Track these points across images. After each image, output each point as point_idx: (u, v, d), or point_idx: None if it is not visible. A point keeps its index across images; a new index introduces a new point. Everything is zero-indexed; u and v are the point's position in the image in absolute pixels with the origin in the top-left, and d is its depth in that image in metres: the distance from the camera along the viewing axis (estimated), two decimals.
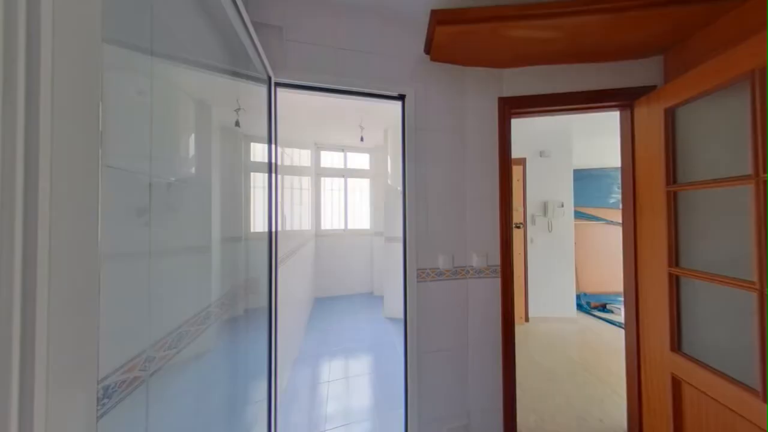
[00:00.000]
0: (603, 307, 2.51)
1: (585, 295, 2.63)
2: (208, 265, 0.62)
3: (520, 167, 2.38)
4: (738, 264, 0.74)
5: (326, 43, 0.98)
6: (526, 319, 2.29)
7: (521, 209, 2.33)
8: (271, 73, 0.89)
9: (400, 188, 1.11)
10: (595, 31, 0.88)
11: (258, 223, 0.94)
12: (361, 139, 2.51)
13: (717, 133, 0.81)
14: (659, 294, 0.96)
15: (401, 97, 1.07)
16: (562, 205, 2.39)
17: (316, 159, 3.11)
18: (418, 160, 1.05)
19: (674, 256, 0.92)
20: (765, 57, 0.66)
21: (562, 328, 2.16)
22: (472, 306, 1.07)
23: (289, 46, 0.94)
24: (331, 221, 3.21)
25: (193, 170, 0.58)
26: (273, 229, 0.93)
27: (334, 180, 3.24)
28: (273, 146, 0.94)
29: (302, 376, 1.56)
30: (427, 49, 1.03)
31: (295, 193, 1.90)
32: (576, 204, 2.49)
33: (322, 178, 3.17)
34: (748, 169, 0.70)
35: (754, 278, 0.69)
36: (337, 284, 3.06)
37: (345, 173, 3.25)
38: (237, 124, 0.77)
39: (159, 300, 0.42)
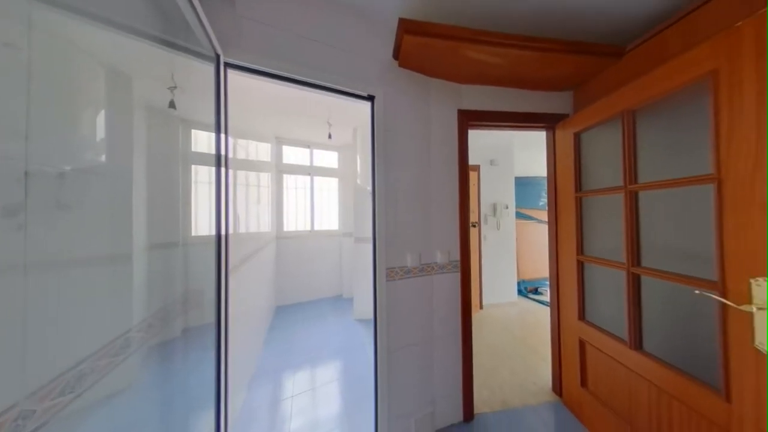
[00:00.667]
0: (536, 291, 3.06)
1: (523, 281, 3.15)
2: (127, 279, 0.50)
3: (476, 173, 2.70)
4: (616, 251, 1.01)
5: (289, 29, 0.91)
6: (480, 307, 2.60)
7: (476, 210, 2.64)
8: (219, 51, 0.77)
9: (369, 188, 1.11)
10: (529, 63, 1.08)
11: (203, 226, 0.81)
12: (329, 136, 2.40)
13: (604, 154, 1.09)
14: (571, 277, 1.23)
15: (371, 98, 1.08)
16: (507, 207, 2.82)
17: (278, 154, 2.83)
18: (388, 161, 1.08)
19: (580, 247, 1.20)
20: (631, 102, 0.93)
21: (507, 312, 2.54)
22: (437, 300, 1.16)
23: (245, 24, 0.84)
24: (295, 222, 2.96)
25: (103, 158, 0.45)
26: (222, 232, 0.80)
27: (299, 178, 3.02)
28: (222, 135, 0.81)
29: (261, 395, 1.39)
30: (396, 55, 1.06)
31: (251, 190, 1.66)
32: (517, 206, 2.98)
33: (285, 176, 2.91)
34: (621, 182, 0.97)
35: (624, 260, 0.96)
36: (303, 289, 2.85)
37: (311, 171, 3.06)
38: (172, 105, 0.64)
39: (41, 331, 0.32)
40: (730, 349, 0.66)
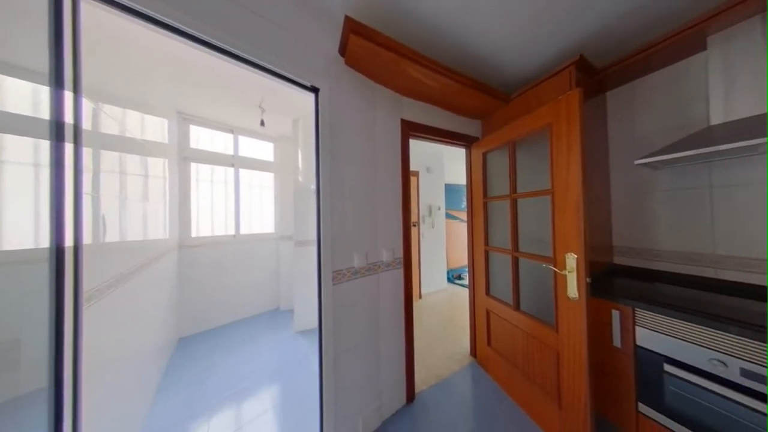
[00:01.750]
0: (459, 277, 3.78)
1: (451, 270, 3.82)
2: None
3: (415, 178, 3.03)
4: (505, 241, 1.39)
5: None
6: (420, 297, 2.95)
7: (416, 211, 2.97)
8: None
9: (313, 186, 1.04)
10: (453, 91, 1.32)
11: (26, 232, 0.51)
12: (262, 123, 2.05)
13: (500, 170, 1.48)
14: (481, 262, 1.60)
15: (315, 90, 1.02)
16: (440, 209, 3.33)
17: (182, 135, 2.15)
18: (335, 159, 1.05)
19: (486, 239, 1.57)
20: (512, 135, 1.31)
21: (440, 297, 3.00)
22: (383, 296, 1.22)
23: None
24: (211, 225, 2.32)
25: None
26: (68, 242, 0.53)
27: (218, 170, 2.40)
28: (67, 94, 0.54)
29: None
30: (342, 51, 1.05)
31: (129, 180, 1.12)
32: (446, 208, 3.58)
33: (194, 165, 2.25)
34: (508, 191, 1.35)
35: (510, 248, 1.34)
36: (224, 309, 2.28)
37: (237, 162, 2.50)
38: None
39: None
40: (558, 299, 1.04)
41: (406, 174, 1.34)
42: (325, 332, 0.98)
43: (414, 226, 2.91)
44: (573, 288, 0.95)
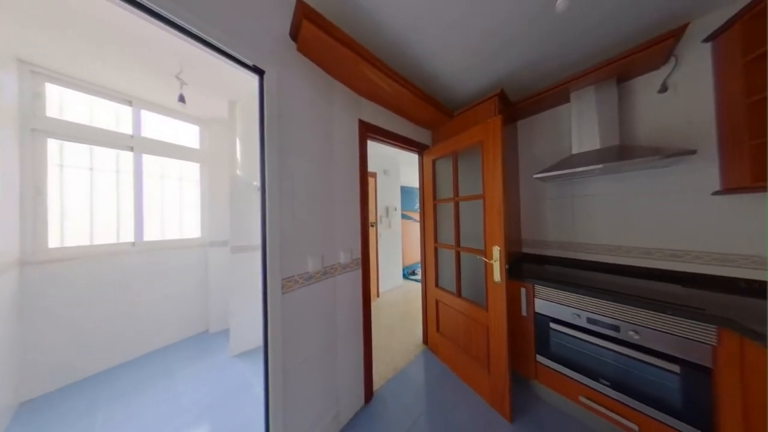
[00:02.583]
0: (413, 273, 4.09)
1: (406, 267, 4.09)
2: None
3: (373, 179, 3.09)
4: (450, 238, 1.60)
5: None
6: (377, 296, 3.01)
7: (374, 212, 3.02)
8: None
9: (257, 183, 0.90)
10: (407, 100, 1.41)
11: None
12: (181, 99, 1.60)
13: (446, 176, 1.69)
14: (431, 258, 1.78)
15: (259, 72, 0.88)
16: (396, 209, 3.51)
17: (30, 97, 1.42)
18: (285, 152, 0.94)
19: (435, 237, 1.76)
20: (455, 147, 1.52)
21: (396, 294, 3.16)
22: (341, 299, 1.18)
23: None
24: (90, 230, 1.62)
25: None
26: None
27: (104, 153, 1.71)
28: None
29: None
30: (294, 36, 0.95)
31: None
32: (402, 209, 3.80)
33: (53, 142, 1.49)
34: (452, 195, 1.56)
35: (453, 243, 1.55)
36: (115, 344, 1.65)
37: (137, 145, 1.84)
38: None
39: None
40: (487, 284, 1.27)
41: (364, 174, 1.34)
42: (272, 349, 0.87)
43: (372, 226, 2.95)
44: (497, 274, 1.19)
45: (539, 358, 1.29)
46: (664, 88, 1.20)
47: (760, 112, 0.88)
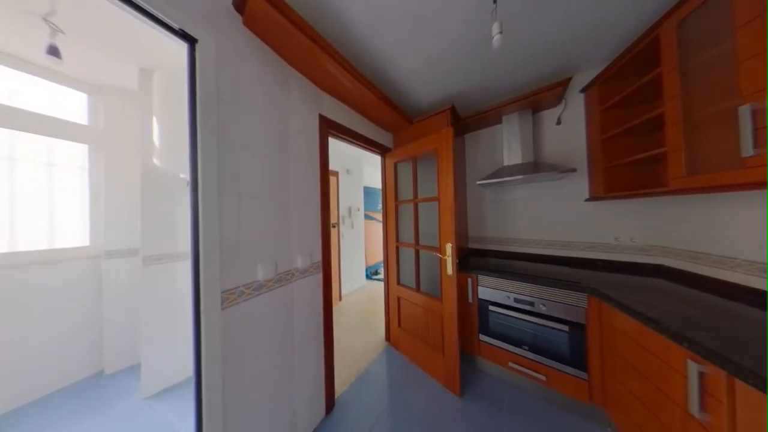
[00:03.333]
0: (376, 272, 4.15)
1: (369, 267, 4.11)
2: None
3: (335, 178, 2.98)
4: (411, 237, 1.70)
5: None
6: (340, 299, 2.92)
7: (336, 212, 2.92)
8: None
9: (184, 176, 0.73)
10: (370, 102, 1.43)
11: None
12: (52, 52, 1.12)
13: (407, 178, 1.79)
14: (393, 257, 1.85)
15: (189, 39, 0.73)
16: (359, 210, 3.49)
17: None
18: (226, 142, 0.80)
19: (397, 237, 1.84)
20: (414, 152, 1.64)
21: (359, 295, 3.14)
22: (299, 307, 1.09)
23: None
24: None
25: None
26: None
27: None
28: None
29: None
30: (239, 5, 0.83)
31: None
32: (365, 209, 3.81)
33: None
34: (411, 196, 1.67)
35: (413, 242, 1.66)
36: None
37: None
38: None
39: None
40: (442, 277, 1.42)
41: (325, 172, 1.28)
42: (207, 378, 0.72)
43: (334, 227, 2.84)
44: (449, 268, 1.34)
45: (481, 336, 1.52)
46: (558, 122, 1.61)
47: (609, 146, 1.29)
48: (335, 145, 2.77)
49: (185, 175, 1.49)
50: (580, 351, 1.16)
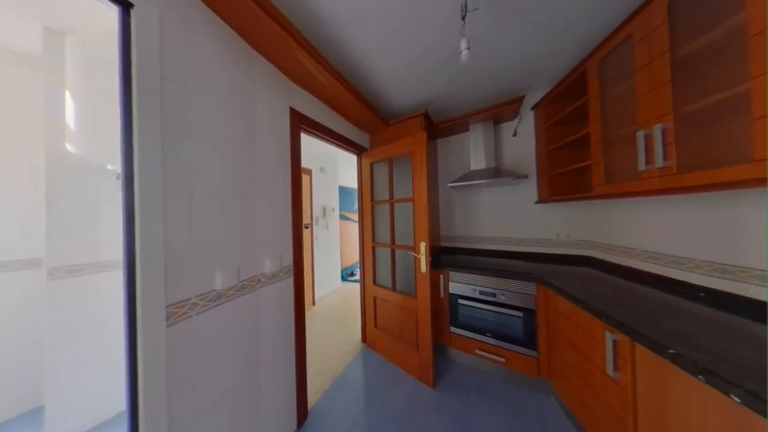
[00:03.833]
0: (352, 274, 4.09)
1: (345, 269, 4.02)
2: None
3: (308, 177, 2.83)
4: (387, 237, 1.73)
5: None
6: (313, 303, 2.78)
7: (309, 212, 2.77)
8: None
9: (113, 167, 0.61)
10: (346, 100, 1.41)
11: None
12: None
13: (383, 179, 1.81)
14: (369, 257, 1.85)
15: (121, 2, 0.61)
16: (334, 210, 3.38)
17: None
18: (173, 131, 0.69)
19: (373, 237, 1.85)
20: (390, 153, 1.67)
21: (334, 298, 3.05)
22: (266, 315, 1.00)
23: None
24: None
25: None
26: None
27: None
28: None
29: None
30: None
31: None
32: (340, 209, 3.71)
33: None
34: (387, 197, 1.70)
35: (389, 242, 1.68)
36: None
37: None
38: None
39: None
40: (416, 275, 1.48)
41: (297, 170, 1.21)
42: (146, 407, 0.61)
43: (307, 228, 2.69)
44: (423, 265, 1.40)
45: (452, 329, 1.63)
46: (515, 134, 1.84)
47: (552, 157, 1.53)
48: (309, 142, 2.64)
49: (115, 166, 1.23)
50: (531, 333, 1.34)
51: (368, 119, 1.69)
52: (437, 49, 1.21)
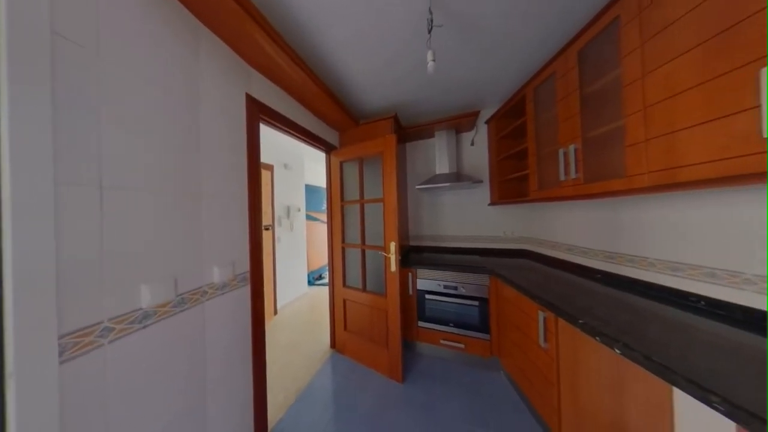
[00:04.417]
0: (320, 277, 3.89)
1: (312, 272, 3.80)
2: None
3: (269, 172, 2.57)
4: (356, 238, 1.71)
5: None
6: (275, 313, 2.53)
7: (269, 212, 2.51)
8: None
9: None
10: (313, 94, 1.34)
11: None
12: None
13: (353, 179, 1.78)
14: (339, 258, 1.80)
15: None
16: (299, 210, 3.15)
17: None
18: (78, 107, 0.53)
19: (343, 237, 1.80)
20: (361, 153, 1.66)
21: (301, 304, 2.84)
22: (213, 332, 0.86)
23: None
24: None
25: None
26: None
27: None
28: None
29: None
30: None
31: None
32: (307, 209, 3.49)
33: None
34: (358, 197, 1.68)
35: (360, 242, 1.67)
36: None
37: None
38: None
39: None
40: (386, 274, 1.51)
41: (255, 164, 1.09)
42: None
43: (267, 229, 2.43)
44: (393, 264, 1.44)
45: (420, 323, 1.72)
46: (472, 143, 2.07)
47: (501, 165, 1.77)
48: (272, 135, 2.40)
49: None
50: (485, 319, 1.53)
51: (338, 117, 1.65)
52: (407, 57, 1.26)
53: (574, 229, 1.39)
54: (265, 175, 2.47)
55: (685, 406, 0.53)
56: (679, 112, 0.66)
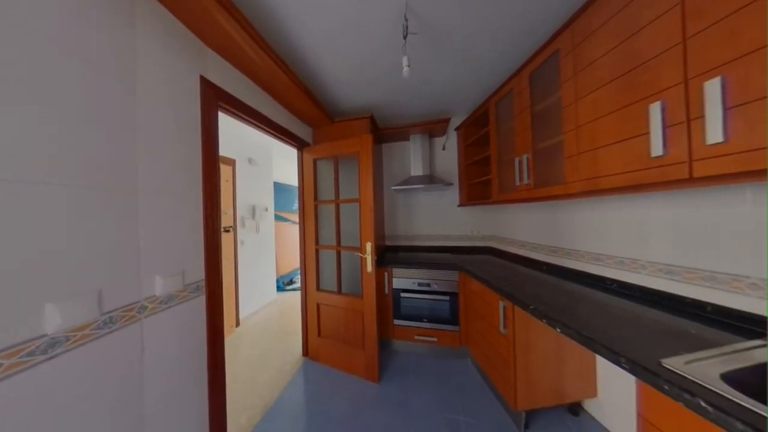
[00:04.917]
0: (291, 282, 3.63)
1: (282, 277, 3.52)
2: None
3: (230, 167, 2.29)
4: (331, 239, 1.65)
5: None
6: (237, 324, 2.27)
7: (230, 212, 2.25)
8: None
9: None
10: (284, 85, 1.25)
11: None
12: None
13: (328, 178, 1.72)
14: (312, 261, 1.71)
15: None
16: (267, 209, 2.89)
17: None
18: None
19: (317, 239, 1.72)
20: (336, 152, 1.61)
21: (268, 313, 2.61)
22: (155, 356, 0.73)
23: None
24: None
25: None
26: None
27: None
28: None
29: None
30: None
31: None
32: (276, 209, 3.22)
33: None
34: (333, 197, 1.63)
35: (335, 243, 1.62)
36: None
37: None
38: None
39: None
40: (362, 275, 1.49)
41: (212, 158, 0.96)
42: None
43: (228, 231, 2.17)
44: (369, 265, 1.44)
45: (395, 321, 1.75)
46: (444, 148, 2.21)
47: (468, 170, 1.93)
48: (236, 128, 2.15)
49: None
50: (454, 312, 1.65)
51: (312, 112, 1.57)
52: (383, 57, 1.27)
53: (527, 228, 1.61)
54: (224, 169, 2.20)
55: (605, 368, 0.65)
56: (600, 132, 0.82)
